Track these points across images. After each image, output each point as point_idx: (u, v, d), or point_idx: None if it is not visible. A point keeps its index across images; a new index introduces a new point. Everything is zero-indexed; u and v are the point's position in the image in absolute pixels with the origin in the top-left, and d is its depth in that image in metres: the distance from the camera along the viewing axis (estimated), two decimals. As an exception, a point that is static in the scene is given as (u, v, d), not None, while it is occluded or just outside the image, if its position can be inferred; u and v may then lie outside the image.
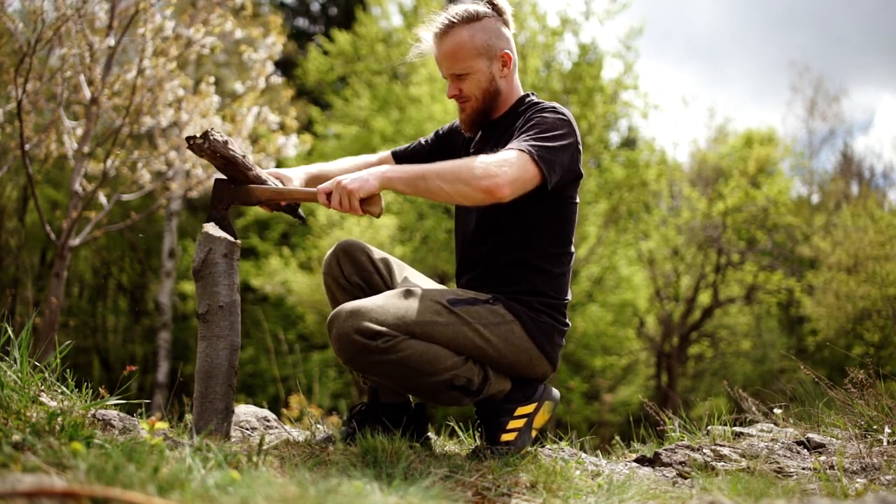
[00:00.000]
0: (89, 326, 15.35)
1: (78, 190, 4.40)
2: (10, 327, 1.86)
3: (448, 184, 1.81)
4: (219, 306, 1.83)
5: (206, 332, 1.84)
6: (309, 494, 1.15)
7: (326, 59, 15.27)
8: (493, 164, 1.81)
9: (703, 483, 1.70)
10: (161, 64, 4.35)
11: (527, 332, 2.02)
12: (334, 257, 2.18)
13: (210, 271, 1.85)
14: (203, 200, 16.96)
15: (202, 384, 1.83)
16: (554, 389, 2.18)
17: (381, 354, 1.81)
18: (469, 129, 2.17)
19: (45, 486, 1.00)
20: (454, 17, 2.05)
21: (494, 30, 2.07)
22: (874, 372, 2.39)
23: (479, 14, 2.06)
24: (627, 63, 12.08)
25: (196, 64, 10.82)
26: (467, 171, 1.81)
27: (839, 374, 2.60)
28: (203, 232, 1.91)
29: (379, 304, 1.85)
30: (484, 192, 1.81)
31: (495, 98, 2.11)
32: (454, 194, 1.82)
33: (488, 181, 1.79)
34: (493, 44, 2.06)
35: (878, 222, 13.19)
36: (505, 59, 2.08)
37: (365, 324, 1.79)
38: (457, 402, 2.00)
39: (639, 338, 14.97)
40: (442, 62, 2.09)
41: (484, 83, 2.07)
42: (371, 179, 1.81)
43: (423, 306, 1.89)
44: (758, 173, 14.02)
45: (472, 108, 2.11)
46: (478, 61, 2.05)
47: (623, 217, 12.98)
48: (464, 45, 2.03)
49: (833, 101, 21.93)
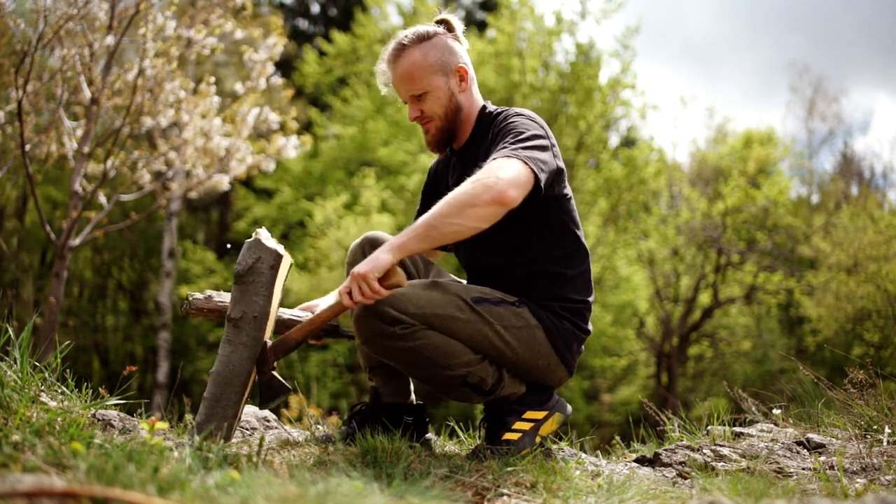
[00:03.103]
0: (89, 326, 15.35)
1: (78, 190, 4.40)
2: (10, 327, 1.86)
3: (458, 217, 1.76)
4: (253, 316, 1.82)
5: (234, 337, 1.82)
6: (309, 494, 1.15)
7: (323, 62, 15.28)
8: (487, 178, 1.77)
9: (703, 483, 1.70)
10: (161, 64, 4.35)
11: (549, 339, 2.01)
12: (360, 249, 2.17)
13: (253, 279, 1.82)
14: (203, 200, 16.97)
15: (218, 388, 1.80)
16: (567, 404, 2.17)
17: (397, 340, 1.84)
18: (436, 149, 2.15)
19: (45, 486, 1.00)
20: (405, 40, 2.05)
21: (447, 46, 2.07)
22: (874, 372, 2.39)
23: (430, 33, 2.06)
24: (625, 62, 12.10)
25: (195, 64, 10.83)
26: (468, 196, 1.76)
27: (839, 374, 2.60)
28: (254, 238, 1.90)
29: (403, 292, 1.86)
30: (495, 204, 1.76)
31: (457, 114, 2.09)
32: (470, 223, 1.77)
33: (491, 193, 1.75)
34: (448, 59, 2.05)
35: (877, 222, 13.20)
36: (462, 74, 2.07)
37: (386, 309, 1.82)
38: (468, 399, 2.01)
39: (639, 338, 14.96)
40: (399, 86, 2.09)
41: (444, 100, 2.06)
42: (382, 255, 1.76)
43: (446, 300, 1.90)
44: (757, 173, 14.02)
45: (435, 128, 2.09)
46: (434, 78, 2.04)
47: (622, 217, 12.98)
48: (418, 64, 2.03)
49: (832, 101, 21.94)
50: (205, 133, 4.73)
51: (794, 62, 42.16)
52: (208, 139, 4.74)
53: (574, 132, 11.90)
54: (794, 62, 41.68)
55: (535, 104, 11.87)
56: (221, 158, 4.84)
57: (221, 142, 4.78)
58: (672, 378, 13.66)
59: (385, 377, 2.18)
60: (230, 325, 1.84)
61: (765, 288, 13.89)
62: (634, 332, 14.81)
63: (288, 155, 5.11)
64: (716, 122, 20.28)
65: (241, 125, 4.88)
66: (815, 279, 13.65)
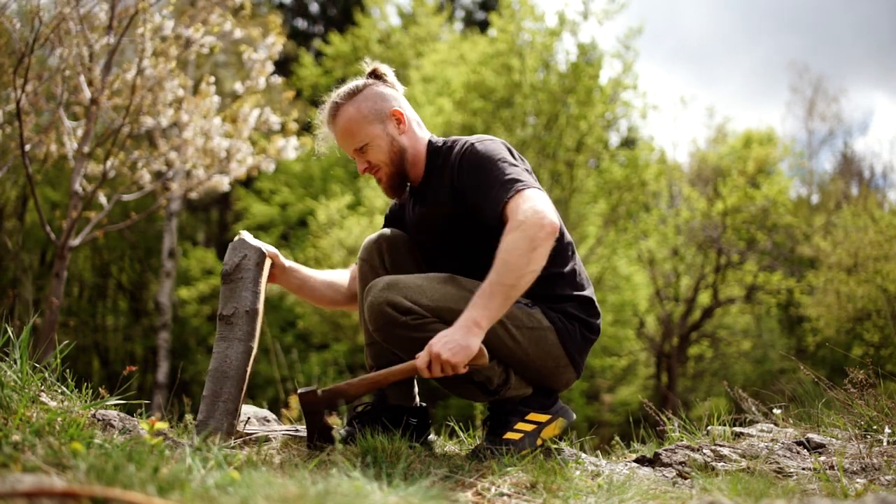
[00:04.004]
0: (89, 326, 15.35)
1: (78, 190, 4.40)
2: (10, 327, 1.86)
3: (530, 265, 1.78)
4: (245, 311, 1.88)
5: (228, 333, 1.86)
6: (309, 494, 1.15)
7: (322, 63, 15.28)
8: (529, 219, 1.79)
9: (703, 483, 1.70)
10: (161, 64, 4.35)
11: (560, 340, 2.03)
12: (376, 246, 2.17)
13: (241, 276, 1.89)
14: (203, 201, 16.96)
15: (216, 383, 1.83)
16: (572, 412, 2.18)
17: (406, 330, 1.87)
18: (394, 194, 2.18)
19: (45, 486, 1.00)
20: (338, 99, 2.11)
21: (378, 94, 2.11)
22: (874, 372, 2.38)
23: (360, 87, 2.12)
24: (626, 63, 12.09)
25: (195, 64, 10.83)
26: (526, 242, 1.78)
27: (839, 374, 2.60)
28: (238, 238, 1.99)
29: (417, 283, 1.90)
30: (552, 237, 1.80)
31: (402, 156, 2.11)
32: (541, 264, 1.80)
33: (545, 230, 1.79)
34: (381, 107, 2.10)
35: (878, 222, 13.19)
36: (398, 117, 2.11)
37: (398, 298, 1.86)
38: (473, 396, 2.02)
39: (639, 338, 14.96)
40: (342, 143, 2.14)
41: (385, 146, 2.09)
42: (471, 341, 1.75)
43: (459, 295, 1.91)
44: (757, 173, 14.01)
45: (386, 175, 2.12)
46: (371, 128, 2.08)
47: (622, 217, 12.98)
48: (353, 118, 2.08)
49: (832, 101, 21.95)
50: (205, 133, 4.73)
51: (794, 62, 42.21)
52: (208, 139, 4.74)
53: (574, 132, 11.89)
54: (793, 62, 41.74)
55: (536, 104, 11.87)
56: (222, 160, 4.84)
57: (222, 142, 4.78)
58: (672, 378, 13.65)
59: None
60: (222, 322, 1.87)
61: (765, 288, 13.88)
62: (634, 332, 14.81)
63: (288, 156, 5.11)
64: (716, 122, 20.30)
65: (242, 125, 4.88)
66: (815, 279, 13.64)
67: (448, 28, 18.05)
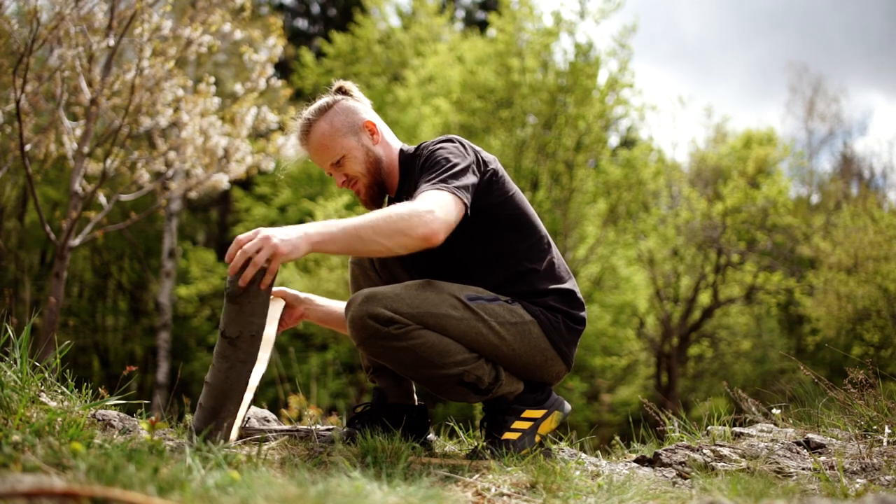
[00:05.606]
0: (89, 326, 15.36)
1: (78, 190, 4.40)
2: (11, 327, 1.86)
3: (387, 240, 1.76)
4: (250, 335, 1.79)
5: (231, 354, 1.78)
6: (309, 494, 1.15)
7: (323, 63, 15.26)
8: (423, 212, 1.79)
9: (703, 483, 1.70)
10: (160, 63, 4.35)
11: (544, 333, 2.03)
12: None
13: (249, 301, 1.77)
14: (203, 201, 16.97)
15: (217, 400, 1.78)
16: (566, 402, 2.18)
17: (391, 340, 1.86)
18: (373, 207, 2.18)
19: (45, 486, 1.00)
20: (310, 116, 2.13)
21: (349, 108, 2.13)
22: (874, 372, 2.39)
23: (329, 103, 2.13)
24: (622, 61, 12.09)
25: (195, 64, 10.82)
26: (403, 224, 1.77)
27: (839, 374, 2.60)
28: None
29: (396, 292, 1.89)
30: (422, 240, 1.79)
31: (379, 166, 2.13)
32: (394, 249, 1.79)
33: (425, 230, 1.77)
34: (353, 119, 2.12)
35: (877, 222, 13.18)
36: (370, 127, 2.13)
37: (379, 309, 1.84)
38: (465, 398, 2.01)
39: (638, 338, 14.96)
40: (318, 159, 2.14)
41: (361, 157, 2.11)
42: (301, 244, 1.70)
43: (439, 299, 1.92)
44: (757, 174, 14.01)
45: (364, 186, 2.14)
46: (346, 140, 2.10)
47: (622, 217, 12.98)
48: (327, 133, 2.09)
49: (832, 101, 21.96)
50: (204, 132, 4.73)
51: (794, 62, 42.22)
52: (207, 138, 4.74)
53: (573, 132, 11.90)
54: (793, 62, 41.75)
55: (535, 104, 11.87)
56: (221, 159, 4.84)
57: (221, 141, 4.78)
58: (672, 378, 13.65)
59: (391, 378, 2.19)
60: (226, 342, 1.79)
61: (765, 288, 13.88)
62: (634, 332, 14.82)
63: (287, 155, 5.11)
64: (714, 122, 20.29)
65: (241, 125, 4.88)
66: (815, 279, 13.64)
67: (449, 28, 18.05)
